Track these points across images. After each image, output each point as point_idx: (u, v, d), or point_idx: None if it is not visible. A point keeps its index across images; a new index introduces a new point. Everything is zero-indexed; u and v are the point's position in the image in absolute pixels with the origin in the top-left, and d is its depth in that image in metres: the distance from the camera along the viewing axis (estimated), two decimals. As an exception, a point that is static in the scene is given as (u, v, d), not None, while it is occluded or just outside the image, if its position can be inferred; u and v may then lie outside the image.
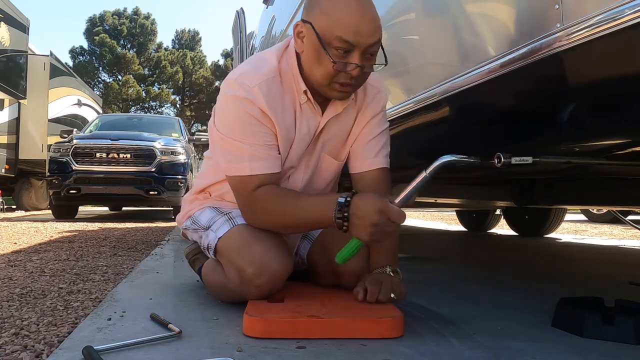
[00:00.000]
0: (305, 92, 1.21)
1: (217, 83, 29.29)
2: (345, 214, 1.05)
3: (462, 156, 1.12)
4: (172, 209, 6.49)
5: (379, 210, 1.02)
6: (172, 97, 29.56)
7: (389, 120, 1.57)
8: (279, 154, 1.23)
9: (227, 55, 28.94)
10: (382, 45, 1.13)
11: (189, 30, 31.35)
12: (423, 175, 1.09)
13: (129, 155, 5.84)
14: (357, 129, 1.34)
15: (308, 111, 1.24)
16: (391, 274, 1.23)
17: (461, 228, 5.18)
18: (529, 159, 1.09)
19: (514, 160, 1.08)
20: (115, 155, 5.82)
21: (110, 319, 1.15)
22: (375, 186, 1.30)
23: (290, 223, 1.19)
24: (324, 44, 1.09)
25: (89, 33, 27.84)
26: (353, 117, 1.32)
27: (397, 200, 1.06)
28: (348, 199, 1.06)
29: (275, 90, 1.19)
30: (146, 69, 28.95)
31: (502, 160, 1.08)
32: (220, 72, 29.14)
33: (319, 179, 1.38)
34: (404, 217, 1.04)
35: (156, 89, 28.67)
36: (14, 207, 8.76)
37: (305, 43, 1.15)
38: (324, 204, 1.11)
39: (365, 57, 1.11)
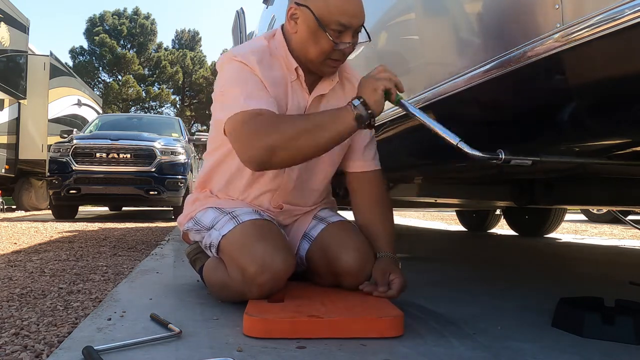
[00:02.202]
0: (296, 69, 1.30)
1: (217, 83, 29.25)
2: (361, 98, 1.14)
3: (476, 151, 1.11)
4: (172, 209, 6.49)
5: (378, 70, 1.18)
6: (172, 97, 29.55)
7: (388, 121, 1.57)
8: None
9: (227, 55, 28.90)
10: (364, 25, 1.27)
11: (189, 30, 31.35)
12: (453, 140, 1.11)
13: (129, 155, 5.84)
14: None
15: (297, 89, 1.33)
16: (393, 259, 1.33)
17: (461, 228, 5.18)
18: (528, 162, 1.09)
19: (514, 161, 1.08)
20: (115, 155, 5.82)
21: (110, 319, 1.15)
22: (374, 185, 1.42)
23: (306, 135, 1.14)
24: (323, 26, 1.21)
25: (89, 33, 27.83)
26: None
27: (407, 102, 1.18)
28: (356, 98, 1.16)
29: (266, 61, 1.29)
30: (146, 69, 28.94)
31: (503, 156, 1.08)
32: (220, 72, 29.09)
33: (315, 171, 1.41)
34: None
35: (156, 89, 28.66)
36: (14, 207, 8.76)
37: (299, 25, 1.26)
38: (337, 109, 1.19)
39: (353, 36, 1.25)
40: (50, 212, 6.57)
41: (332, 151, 1.36)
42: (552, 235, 4.28)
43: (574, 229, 5.50)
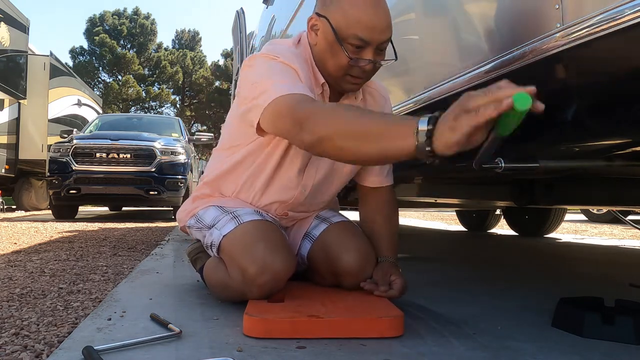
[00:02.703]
0: (322, 84, 1.24)
1: (217, 83, 29.31)
2: (431, 127, 0.81)
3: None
4: (172, 209, 6.49)
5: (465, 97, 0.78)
6: (172, 97, 29.56)
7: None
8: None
9: (227, 55, 28.93)
10: (391, 42, 1.18)
11: (189, 30, 31.36)
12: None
13: (129, 155, 5.84)
14: None
15: None
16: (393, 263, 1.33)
17: (461, 228, 5.18)
18: (528, 166, 1.10)
19: (514, 165, 1.09)
20: (115, 155, 5.82)
21: (110, 319, 1.15)
22: (385, 199, 1.42)
23: (356, 133, 0.92)
24: (339, 39, 1.14)
25: (89, 33, 27.84)
26: None
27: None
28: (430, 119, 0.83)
29: (308, 71, 1.21)
30: (146, 69, 28.95)
31: (503, 165, 1.09)
32: (220, 72, 29.14)
33: (332, 180, 1.39)
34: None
35: (156, 89, 28.67)
36: (14, 207, 8.76)
37: (319, 36, 1.21)
38: (400, 120, 0.95)
39: (376, 53, 1.16)
40: (50, 212, 6.57)
41: (346, 171, 1.37)
42: (552, 235, 4.28)
43: (574, 229, 5.50)
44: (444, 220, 7.29)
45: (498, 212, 4.63)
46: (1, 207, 7.97)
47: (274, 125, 1.09)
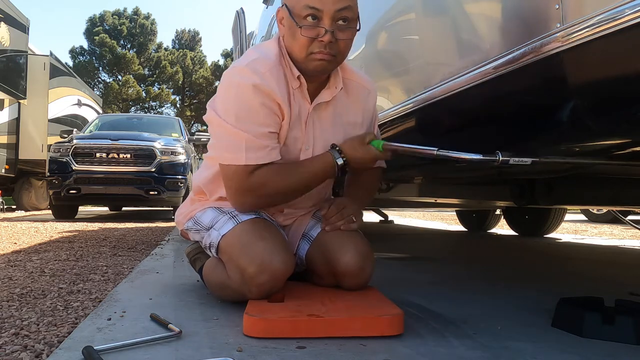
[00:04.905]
0: (298, 77, 1.24)
1: (216, 83, 29.26)
2: (344, 158, 1.26)
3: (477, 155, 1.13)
4: (172, 209, 6.49)
5: (365, 152, 1.26)
6: (172, 97, 29.55)
7: (388, 121, 1.57)
8: (278, 142, 1.26)
9: (227, 55, 28.94)
10: (359, 17, 1.20)
11: (189, 30, 31.35)
12: (432, 150, 1.16)
13: (129, 156, 5.84)
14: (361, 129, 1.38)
15: (299, 97, 1.27)
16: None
17: (461, 228, 5.18)
18: (528, 160, 1.09)
19: (513, 160, 1.09)
20: (115, 156, 5.82)
21: (110, 319, 1.15)
22: (365, 179, 1.46)
23: (295, 186, 1.28)
24: (294, 17, 1.16)
25: (89, 33, 27.83)
26: (354, 113, 1.36)
27: (389, 142, 1.27)
28: (338, 148, 1.28)
29: (281, 74, 1.23)
30: (146, 69, 28.94)
31: (500, 158, 1.09)
32: (220, 72, 29.10)
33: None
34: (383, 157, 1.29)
35: (156, 89, 28.66)
36: (14, 207, 8.75)
37: (284, 25, 1.23)
38: (323, 157, 1.28)
39: (336, 25, 1.16)
40: (50, 212, 6.57)
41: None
42: (552, 235, 4.28)
43: (574, 229, 5.50)
44: (444, 220, 7.29)
45: (498, 212, 4.63)
46: (1, 207, 7.96)
47: (229, 180, 1.26)
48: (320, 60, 1.19)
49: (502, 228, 4.95)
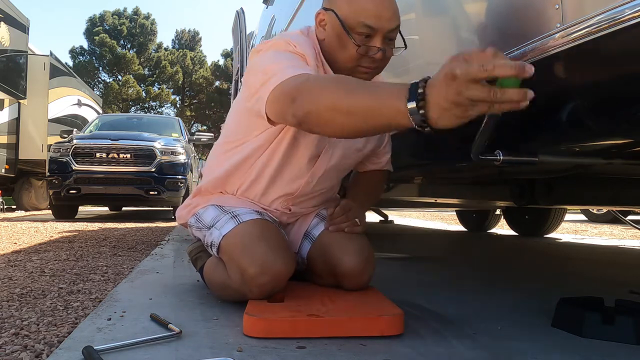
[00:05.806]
0: None
1: (217, 83, 29.31)
2: (421, 91, 0.81)
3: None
4: (172, 209, 6.49)
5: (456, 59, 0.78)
6: (172, 97, 29.55)
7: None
8: None
9: (227, 55, 28.93)
10: (400, 32, 1.21)
11: (189, 30, 31.35)
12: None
13: (129, 155, 5.84)
14: None
15: None
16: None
17: (461, 228, 5.18)
18: (528, 160, 1.09)
19: (512, 158, 1.09)
20: (115, 155, 5.82)
21: (110, 319, 1.15)
22: (374, 174, 1.48)
23: (346, 106, 0.91)
24: (347, 29, 1.16)
25: (89, 33, 27.83)
26: None
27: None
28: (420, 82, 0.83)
29: (314, 66, 1.18)
30: (146, 69, 28.94)
31: (501, 158, 1.09)
32: (220, 72, 29.14)
33: (333, 177, 1.41)
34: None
35: (156, 89, 28.66)
36: (14, 207, 8.75)
37: (327, 30, 1.22)
38: (393, 87, 0.88)
39: (385, 42, 1.18)
40: (50, 212, 6.57)
41: (354, 157, 1.40)
42: (552, 235, 4.28)
43: (574, 229, 5.50)
44: (444, 220, 7.29)
45: (498, 212, 4.63)
46: (1, 207, 7.97)
47: (274, 108, 1.06)
48: (366, 73, 1.21)
49: (502, 228, 4.95)
